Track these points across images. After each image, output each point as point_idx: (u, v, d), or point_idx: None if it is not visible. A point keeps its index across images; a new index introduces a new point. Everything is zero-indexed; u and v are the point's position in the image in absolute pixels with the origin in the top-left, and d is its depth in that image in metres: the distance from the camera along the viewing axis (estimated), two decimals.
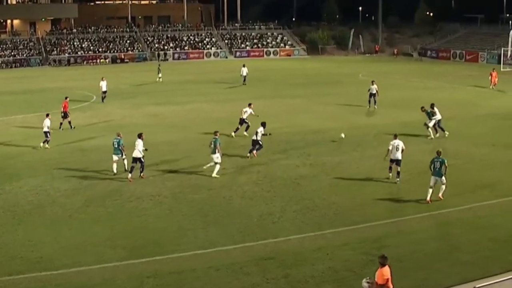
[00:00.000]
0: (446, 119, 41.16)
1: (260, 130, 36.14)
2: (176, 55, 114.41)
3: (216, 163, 31.56)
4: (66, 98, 45.86)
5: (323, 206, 26.74)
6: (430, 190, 27.08)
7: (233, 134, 41.12)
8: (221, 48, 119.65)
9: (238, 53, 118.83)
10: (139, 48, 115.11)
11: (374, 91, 51.63)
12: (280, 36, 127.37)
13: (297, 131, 42.48)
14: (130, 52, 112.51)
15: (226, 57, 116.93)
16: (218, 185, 29.88)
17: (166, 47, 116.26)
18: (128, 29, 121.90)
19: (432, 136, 40.33)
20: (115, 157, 32.13)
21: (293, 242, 22.77)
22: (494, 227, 24.14)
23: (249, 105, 42.45)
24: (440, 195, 27.38)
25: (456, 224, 24.47)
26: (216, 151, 31.39)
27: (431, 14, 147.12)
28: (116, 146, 32.21)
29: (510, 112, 50.10)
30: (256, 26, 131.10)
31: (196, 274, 20.15)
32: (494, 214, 25.76)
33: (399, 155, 30.35)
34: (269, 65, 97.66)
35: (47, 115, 39.67)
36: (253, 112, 41.80)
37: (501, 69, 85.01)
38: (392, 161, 30.70)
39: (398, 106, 51.78)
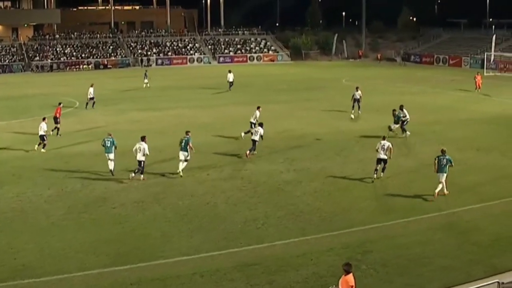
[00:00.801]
0: (429, 124, 41.47)
1: (260, 130, 37.24)
2: (159, 61, 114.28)
3: (185, 160, 32.95)
4: (59, 104, 45.89)
5: (307, 211, 26.78)
6: (440, 185, 28.53)
7: (242, 134, 41.93)
8: (204, 54, 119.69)
9: (221, 59, 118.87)
10: (122, 54, 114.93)
11: (358, 97, 51.79)
12: (263, 41, 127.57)
13: (281, 137, 42.53)
14: (113, 58, 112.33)
15: (210, 63, 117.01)
16: (202, 191, 29.85)
17: (149, 53, 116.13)
18: (111, 35, 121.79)
19: (405, 135, 41.94)
20: (110, 156, 32.94)
21: (277, 247, 22.78)
22: (478, 231, 24.26)
23: (258, 108, 43.00)
24: (439, 191, 28.48)
25: (440, 229, 24.55)
26: (188, 148, 32.93)
27: (415, 19, 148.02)
28: (109, 145, 32.90)
29: (493, 117, 50.40)
30: (239, 32, 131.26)
31: (181, 281, 20.11)
32: (477, 218, 25.89)
33: (384, 155, 31.27)
34: (252, 71, 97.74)
35: (44, 119, 39.95)
36: (257, 116, 42.33)
37: (484, 74, 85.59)
38: (378, 160, 31.50)
39: (381, 111, 51.82)
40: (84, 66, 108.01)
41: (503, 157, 36.74)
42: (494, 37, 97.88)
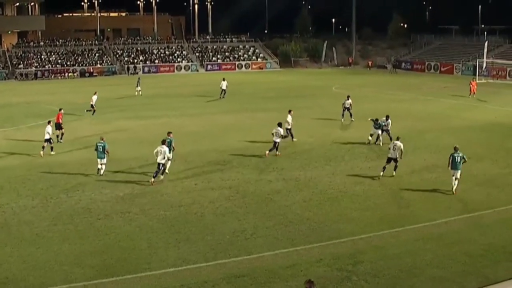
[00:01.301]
0: (420, 131, 41.57)
1: (279, 130, 39.15)
2: (146, 69, 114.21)
3: (168, 159, 34.35)
4: (60, 109, 46.53)
5: (297, 221, 26.79)
6: (456, 181, 30.81)
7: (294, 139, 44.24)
8: (192, 61, 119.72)
9: (209, 66, 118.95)
10: (108, 61, 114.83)
11: (348, 105, 52.07)
12: (252, 48, 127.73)
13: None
14: (99, 66, 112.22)
15: (197, 71, 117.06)
16: (189, 201, 29.82)
17: (136, 61, 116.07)
18: (97, 42, 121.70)
19: (370, 140, 42.80)
20: (102, 161, 34.59)
21: (266, 258, 22.78)
22: (469, 241, 24.34)
23: (290, 112, 44.26)
24: (455, 187, 30.76)
25: (430, 239, 24.61)
26: (171, 149, 35.14)
27: (405, 25, 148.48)
28: (101, 150, 34.39)
29: (486, 124, 50.63)
30: (227, 39, 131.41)
31: None
32: (468, 228, 25.99)
33: (395, 154, 33.57)
34: (241, 78, 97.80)
35: (49, 122, 41.07)
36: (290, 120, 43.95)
37: (477, 81, 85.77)
38: (388, 159, 33.78)
39: (345, 119, 52.07)
40: (69, 74, 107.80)
41: (494, 166, 36.90)
42: (486, 43, 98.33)
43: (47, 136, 39.96)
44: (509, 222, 26.75)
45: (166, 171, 34.42)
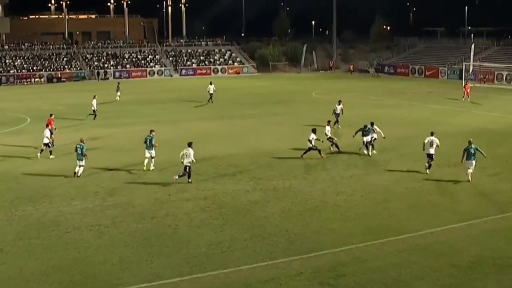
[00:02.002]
0: (405, 138, 41.70)
1: (313, 137, 40.45)
2: (117, 74, 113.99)
3: (152, 157, 38.19)
4: (51, 115, 47.30)
5: (275, 233, 26.76)
6: (470, 171, 34.60)
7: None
8: (165, 66, 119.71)
9: (183, 71, 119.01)
10: (77, 66, 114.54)
11: (339, 111, 52.42)
12: (228, 52, 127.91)
13: (247, 154, 42.54)
14: (68, 71, 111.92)
15: (171, 76, 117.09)
16: (163, 213, 29.72)
17: (106, 65, 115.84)
18: (65, 46, 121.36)
19: (368, 153, 42.26)
20: (80, 163, 36.29)
21: (244, 272, 22.73)
22: (457, 252, 24.38)
23: (328, 123, 44.92)
24: (470, 178, 34.47)
25: (416, 250, 24.65)
26: (152, 147, 38.10)
27: (388, 28, 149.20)
28: (80, 152, 36.09)
29: (472, 130, 50.83)
30: (202, 42, 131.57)
31: None
32: (456, 239, 26.05)
33: (432, 150, 36.48)
34: (216, 84, 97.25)
35: (47, 125, 43.37)
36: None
37: (463, 85, 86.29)
38: (429, 156, 36.75)
39: (354, 126, 51.93)
40: (36, 80, 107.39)
41: (482, 174, 37.02)
42: (473, 46, 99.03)
43: (45, 140, 41.75)
44: (498, 232, 26.83)
45: (152, 167, 37.87)
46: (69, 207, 30.82)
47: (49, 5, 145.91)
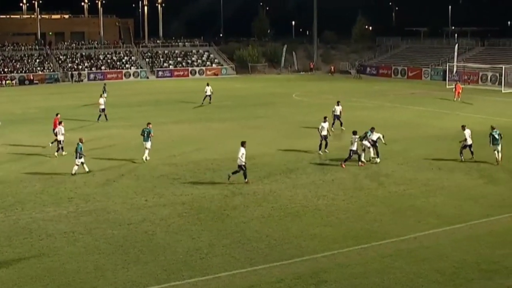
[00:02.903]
0: (387, 141, 41.65)
1: (355, 138, 39.88)
2: (91, 76, 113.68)
3: (147, 149, 41.49)
4: (57, 114, 48.28)
5: (255, 239, 26.77)
6: (497, 154, 39.85)
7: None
8: (141, 68, 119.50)
9: (160, 73, 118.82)
10: (50, 68, 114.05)
11: (338, 112, 52.65)
12: (206, 53, 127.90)
13: (226, 158, 42.49)
14: (40, 73, 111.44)
15: (147, 78, 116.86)
16: (139, 219, 29.64)
17: (80, 67, 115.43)
18: (37, 47, 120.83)
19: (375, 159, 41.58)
20: (76, 161, 38.16)
21: (223, 279, 22.69)
22: (441, 257, 24.46)
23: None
24: (499, 158, 39.72)
25: (399, 256, 24.72)
26: (149, 139, 41.47)
27: (370, 28, 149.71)
28: (80, 150, 37.90)
29: (456, 133, 50.63)
30: (179, 43, 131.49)
31: None
32: (440, 244, 26.14)
33: (470, 141, 41.01)
34: (194, 86, 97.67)
35: (60, 122, 45.17)
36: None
37: (447, 86, 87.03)
38: (465, 146, 41.05)
39: (336, 129, 52.30)
40: (7, 82, 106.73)
41: (466, 177, 37.27)
42: (456, 46, 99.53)
43: (60, 137, 43.92)
44: (483, 237, 26.96)
45: (147, 156, 41.12)
46: (42, 213, 30.66)
47: (21, 4, 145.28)
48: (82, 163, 38.18)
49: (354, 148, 39.29)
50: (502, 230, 27.89)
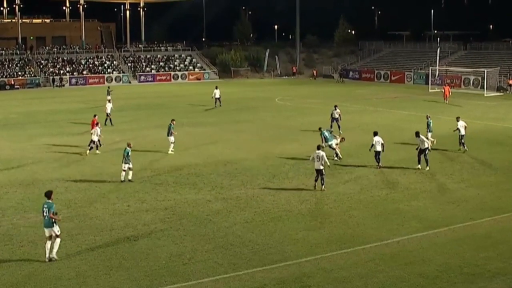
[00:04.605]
0: (369, 145, 41.67)
1: (378, 139, 40.33)
2: (73, 80, 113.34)
3: (172, 142, 45.61)
4: (94, 116, 50.05)
5: (238, 244, 26.74)
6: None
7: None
8: (123, 72, 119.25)
9: (142, 78, 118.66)
10: (31, 72, 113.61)
11: (337, 116, 52.97)
12: (188, 58, 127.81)
13: (208, 162, 42.49)
14: (21, 77, 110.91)
15: (130, 82, 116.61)
16: (121, 225, 29.55)
17: (62, 72, 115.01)
18: (18, 51, 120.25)
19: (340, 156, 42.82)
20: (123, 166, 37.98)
21: (205, 285, 22.64)
22: (424, 261, 24.52)
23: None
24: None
25: (383, 260, 24.75)
26: (171, 134, 45.85)
27: (353, 32, 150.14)
28: (127, 155, 37.56)
29: (439, 137, 51.01)
30: (162, 47, 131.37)
31: None
32: (423, 248, 26.19)
33: (463, 131, 45.02)
34: (176, 90, 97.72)
35: (97, 123, 47.53)
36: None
37: (429, 90, 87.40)
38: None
39: (318, 132, 52.29)
40: None
41: (449, 181, 37.39)
42: (438, 50, 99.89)
43: (95, 138, 46.23)
44: (466, 240, 27.06)
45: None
46: (22, 219, 30.52)
47: (1, 8, 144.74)
48: (129, 168, 37.64)
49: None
50: (485, 234, 27.99)
